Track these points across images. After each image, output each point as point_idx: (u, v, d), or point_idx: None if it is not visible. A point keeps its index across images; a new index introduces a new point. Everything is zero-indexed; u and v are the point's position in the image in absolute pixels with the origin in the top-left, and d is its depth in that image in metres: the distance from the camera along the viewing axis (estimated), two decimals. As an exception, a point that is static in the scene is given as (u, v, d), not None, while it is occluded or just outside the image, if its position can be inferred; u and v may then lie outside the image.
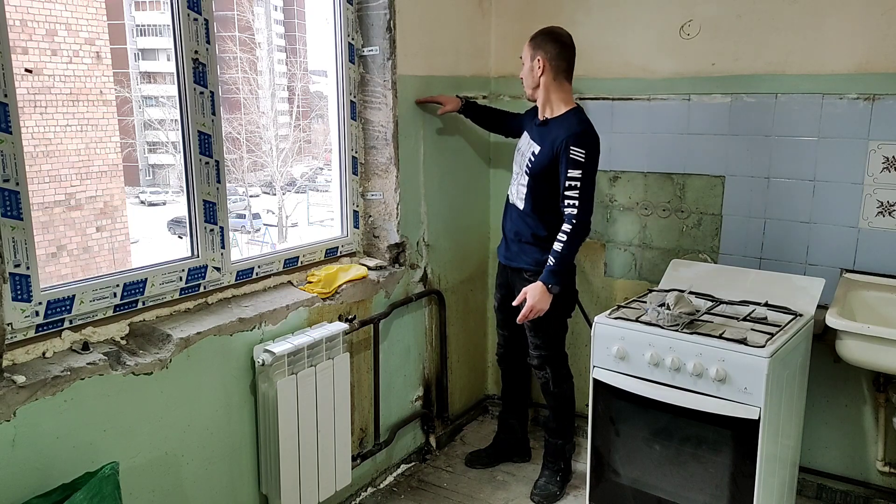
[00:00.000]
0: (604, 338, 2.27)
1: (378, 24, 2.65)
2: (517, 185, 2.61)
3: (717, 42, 2.66)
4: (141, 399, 1.86)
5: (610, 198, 2.99)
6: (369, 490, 2.79)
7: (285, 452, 2.17)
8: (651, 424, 2.24)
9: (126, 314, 1.96)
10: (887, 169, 2.40)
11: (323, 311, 2.42)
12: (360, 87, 2.73)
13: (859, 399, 2.56)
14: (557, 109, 2.50)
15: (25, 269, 1.71)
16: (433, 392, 3.11)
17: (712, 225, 2.77)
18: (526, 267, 2.60)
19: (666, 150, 2.82)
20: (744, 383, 2.01)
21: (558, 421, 2.76)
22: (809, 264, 2.59)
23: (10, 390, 1.58)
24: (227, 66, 9.47)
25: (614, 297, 3.02)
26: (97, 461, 1.71)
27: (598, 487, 2.38)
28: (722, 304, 2.35)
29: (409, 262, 2.85)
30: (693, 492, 2.19)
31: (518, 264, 2.64)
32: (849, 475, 2.62)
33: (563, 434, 2.77)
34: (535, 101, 2.57)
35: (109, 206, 5.90)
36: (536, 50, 2.47)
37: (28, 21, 5.30)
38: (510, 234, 2.67)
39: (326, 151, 8.49)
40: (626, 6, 2.83)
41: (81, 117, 5.60)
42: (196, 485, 2.05)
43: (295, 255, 2.51)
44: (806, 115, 2.52)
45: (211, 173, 2.15)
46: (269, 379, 2.13)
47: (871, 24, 2.38)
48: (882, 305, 2.33)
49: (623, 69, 2.87)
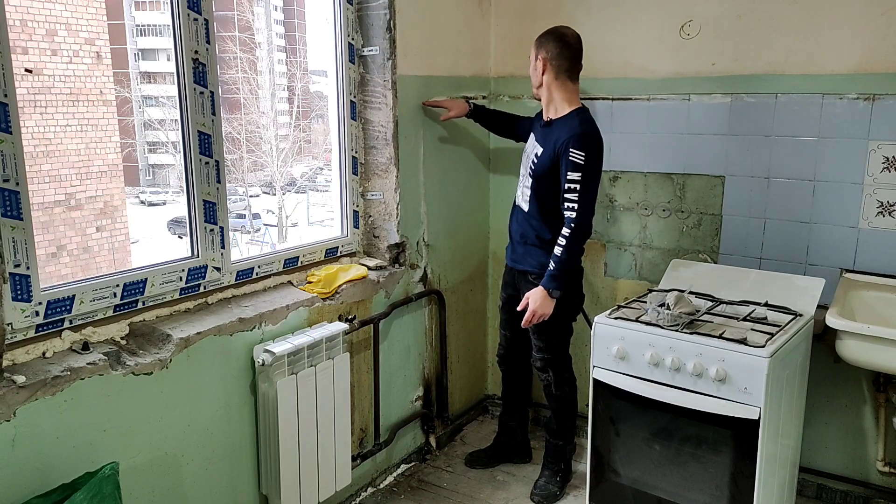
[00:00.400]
0: (604, 338, 2.27)
1: (378, 24, 2.65)
2: (522, 187, 2.61)
3: (717, 42, 2.66)
4: (141, 399, 1.86)
5: (610, 198, 2.99)
6: (369, 490, 2.79)
7: (285, 452, 2.17)
8: (651, 424, 2.24)
9: (126, 314, 1.96)
10: (887, 169, 2.40)
11: (323, 311, 2.42)
12: (360, 87, 2.73)
13: (859, 399, 2.56)
14: (561, 110, 2.49)
15: (25, 269, 1.71)
16: (433, 392, 3.11)
17: (712, 225, 2.77)
18: (531, 269, 2.60)
19: (666, 150, 2.82)
20: (744, 383, 2.01)
21: (560, 422, 2.76)
22: (809, 264, 2.59)
23: (10, 390, 1.58)
24: (227, 66, 9.47)
25: (614, 297, 3.02)
26: (97, 461, 1.71)
27: (598, 487, 2.38)
28: (722, 304, 2.35)
29: (409, 262, 2.85)
30: (693, 492, 2.19)
31: (524, 266, 2.64)
32: (849, 475, 2.62)
33: (564, 435, 2.77)
34: (539, 99, 2.56)
35: (109, 206, 5.90)
36: (539, 49, 2.47)
37: (28, 21, 5.30)
38: (516, 237, 2.66)
39: (326, 151, 8.49)
40: (626, 6, 2.83)
41: (81, 117, 5.60)
42: (196, 485, 2.05)
43: (295, 255, 2.51)
44: (806, 115, 2.52)
45: (211, 173, 2.15)
46: (269, 379, 2.13)
47: (870, 25, 2.38)
48: (882, 305, 2.33)
49: (623, 69, 2.87)
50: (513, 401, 2.99)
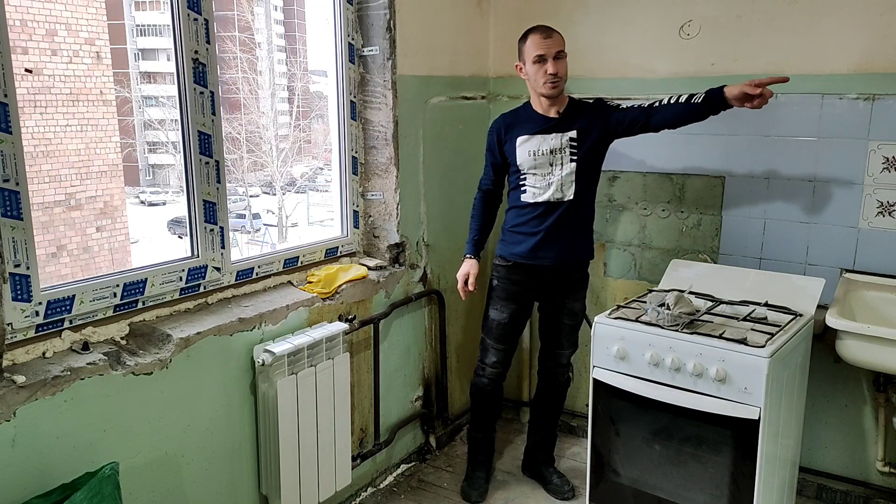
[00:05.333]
0: (604, 338, 2.27)
1: (378, 24, 2.65)
2: (556, 180, 2.48)
3: (716, 42, 2.66)
4: (141, 399, 1.86)
5: (609, 198, 2.99)
6: (369, 490, 2.79)
7: (285, 452, 2.17)
8: (651, 424, 2.24)
9: (126, 314, 1.96)
10: (887, 169, 2.40)
11: (323, 311, 2.42)
12: (360, 87, 2.73)
13: (859, 399, 2.56)
14: (562, 101, 2.53)
15: (25, 269, 1.71)
16: (433, 392, 3.11)
17: (712, 225, 2.77)
18: (585, 259, 2.64)
19: (665, 150, 2.82)
20: (744, 383, 2.01)
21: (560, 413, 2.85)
22: (809, 264, 2.59)
23: (10, 390, 1.58)
24: (227, 66, 9.46)
25: (614, 297, 3.02)
26: (97, 461, 1.71)
27: (598, 487, 2.38)
28: (722, 304, 2.35)
29: (408, 262, 2.85)
30: (693, 492, 2.19)
31: (580, 258, 2.62)
32: (849, 475, 2.62)
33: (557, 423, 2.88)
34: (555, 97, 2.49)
35: (109, 206, 5.90)
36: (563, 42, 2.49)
37: (28, 21, 5.30)
38: (563, 231, 2.53)
39: (326, 151, 8.48)
40: (626, 6, 2.83)
41: (81, 117, 5.61)
42: (196, 485, 2.05)
43: (295, 255, 2.51)
44: (806, 114, 2.52)
45: (211, 173, 2.15)
46: (269, 379, 2.13)
47: (870, 25, 2.38)
48: (882, 305, 2.33)
49: (622, 69, 2.87)
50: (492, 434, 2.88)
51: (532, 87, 2.52)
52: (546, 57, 2.42)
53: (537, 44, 2.44)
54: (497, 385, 2.74)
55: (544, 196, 2.51)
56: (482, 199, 2.70)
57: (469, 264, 2.64)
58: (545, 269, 2.58)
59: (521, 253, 2.57)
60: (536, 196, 2.52)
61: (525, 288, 2.63)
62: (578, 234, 2.58)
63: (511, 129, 2.56)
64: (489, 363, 2.68)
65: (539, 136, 2.51)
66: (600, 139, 2.51)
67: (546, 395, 2.80)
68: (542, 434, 2.85)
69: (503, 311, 2.63)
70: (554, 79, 2.43)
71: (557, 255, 2.56)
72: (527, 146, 2.52)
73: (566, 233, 2.54)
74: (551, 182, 2.50)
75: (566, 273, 2.60)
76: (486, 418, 2.81)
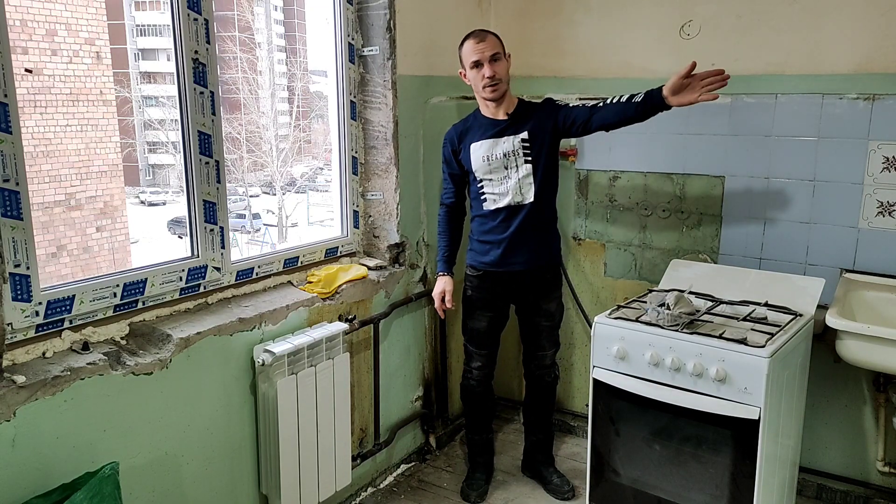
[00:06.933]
0: (604, 338, 2.27)
1: (378, 24, 2.65)
2: (514, 184, 2.49)
3: (717, 42, 2.65)
4: (141, 399, 1.86)
5: (610, 198, 2.99)
6: (369, 490, 2.79)
7: (285, 452, 2.17)
8: (651, 424, 2.24)
9: (126, 314, 1.96)
10: (887, 169, 2.40)
11: (323, 311, 2.42)
12: (360, 87, 2.73)
13: (859, 399, 2.56)
14: (510, 102, 2.53)
15: (25, 269, 1.71)
16: (433, 392, 3.11)
17: (712, 225, 2.77)
18: (553, 259, 2.64)
19: (666, 150, 2.82)
20: (744, 383, 2.01)
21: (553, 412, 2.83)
22: (809, 264, 2.59)
23: (10, 390, 1.58)
24: (227, 66, 9.47)
25: (614, 297, 3.02)
26: (97, 461, 1.71)
27: (598, 487, 2.38)
28: (722, 304, 2.35)
29: (409, 261, 2.85)
30: (693, 492, 2.19)
31: (546, 261, 2.62)
32: (849, 475, 2.62)
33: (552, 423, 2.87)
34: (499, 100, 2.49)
35: (109, 206, 5.91)
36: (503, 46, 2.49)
37: (28, 21, 5.31)
38: (528, 235, 2.54)
39: (326, 151, 8.49)
40: (626, 6, 2.83)
41: (81, 117, 5.61)
42: (196, 485, 2.05)
43: (295, 255, 2.51)
44: (806, 115, 2.52)
45: (211, 173, 2.15)
46: (269, 379, 2.13)
47: (870, 25, 2.38)
48: (882, 305, 2.33)
49: (622, 69, 2.87)
50: (490, 436, 2.90)
51: (476, 93, 2.54)
52: (481, 62, 2.44)
53: (472, 49, 2.45)
54: (486, 385, 2.77)
55: (504, 201, 2.52)
56: (446, 213, 2.69)
57: (443, 281, 2.64)
58: (516, 275, 2.59)
59: (491, 262, 2.58)
60: (497, 202, 2.53)
61: (498, 295, 2.65)
62: (544, 235, 2.59)
63: (464, 137, 2.57)
64: (475, 367, 2.74)
65: (490, 141, 2.51)
66: (552, 139, 2.51)
67: (536, 396, 2.81)
68: (539, 434, 2.85)
69: (481, 319, 2.66)
70: (492, 81, 2.44)
71: (526, 260, 2.57)
72: (479, 151, 2.52)
73: (531, 235, 2.55)
74: (509, 186, 2.51)
75: (538, 276, 2.61)
76: (480, 419, 2.83)
